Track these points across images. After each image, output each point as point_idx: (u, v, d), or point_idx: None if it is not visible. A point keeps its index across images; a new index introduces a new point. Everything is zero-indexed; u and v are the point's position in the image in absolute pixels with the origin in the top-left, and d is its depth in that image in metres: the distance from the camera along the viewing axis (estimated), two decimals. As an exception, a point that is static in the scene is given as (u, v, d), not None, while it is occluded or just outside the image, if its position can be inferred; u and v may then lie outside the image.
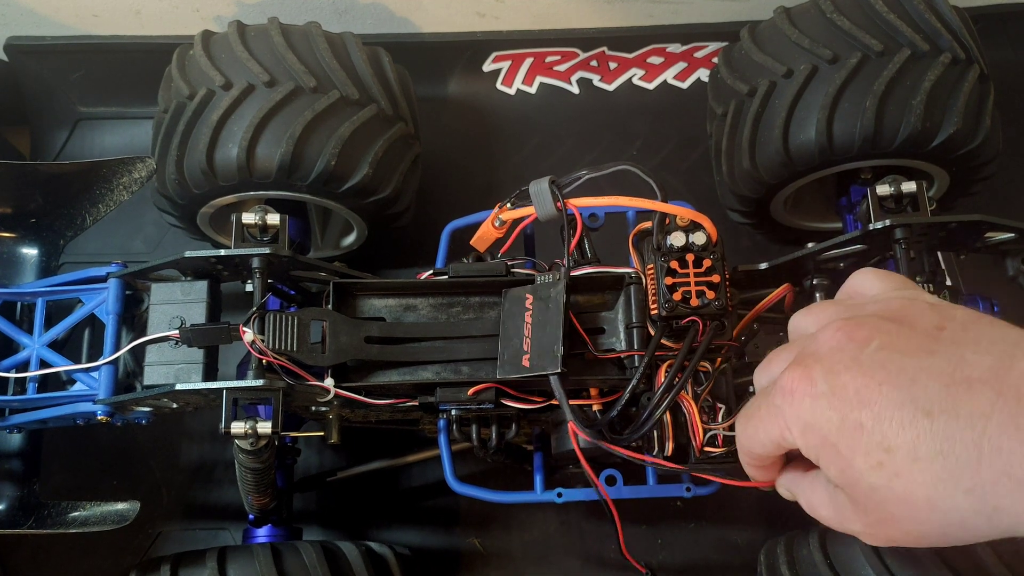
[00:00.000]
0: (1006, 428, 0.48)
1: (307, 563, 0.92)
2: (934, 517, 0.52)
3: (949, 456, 0.50)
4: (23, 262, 1.11)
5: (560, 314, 0.81)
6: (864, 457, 0.53)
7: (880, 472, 0.52)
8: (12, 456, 1.07)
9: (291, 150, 1.01)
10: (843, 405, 0.54)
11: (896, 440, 0.51)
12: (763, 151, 1.04)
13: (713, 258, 0.82)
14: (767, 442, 0.61)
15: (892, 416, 0.52)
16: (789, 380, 0.57)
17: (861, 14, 1.02)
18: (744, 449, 0.66)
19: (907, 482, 0.51)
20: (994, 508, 0.49)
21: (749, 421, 0.63)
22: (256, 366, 0.85)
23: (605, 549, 1.19)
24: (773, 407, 0.58)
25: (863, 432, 0.53)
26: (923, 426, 0.51)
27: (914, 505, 0.52)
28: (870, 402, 0.53)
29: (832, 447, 0.54)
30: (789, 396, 0.56)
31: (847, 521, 0.59)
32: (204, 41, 1.09)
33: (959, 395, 0.50)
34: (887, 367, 0.53)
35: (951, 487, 0.50)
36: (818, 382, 0.55)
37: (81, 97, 1.41)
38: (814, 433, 0.55)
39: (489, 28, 1.40)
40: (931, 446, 0.50)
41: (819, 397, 0.55)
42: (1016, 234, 0.92)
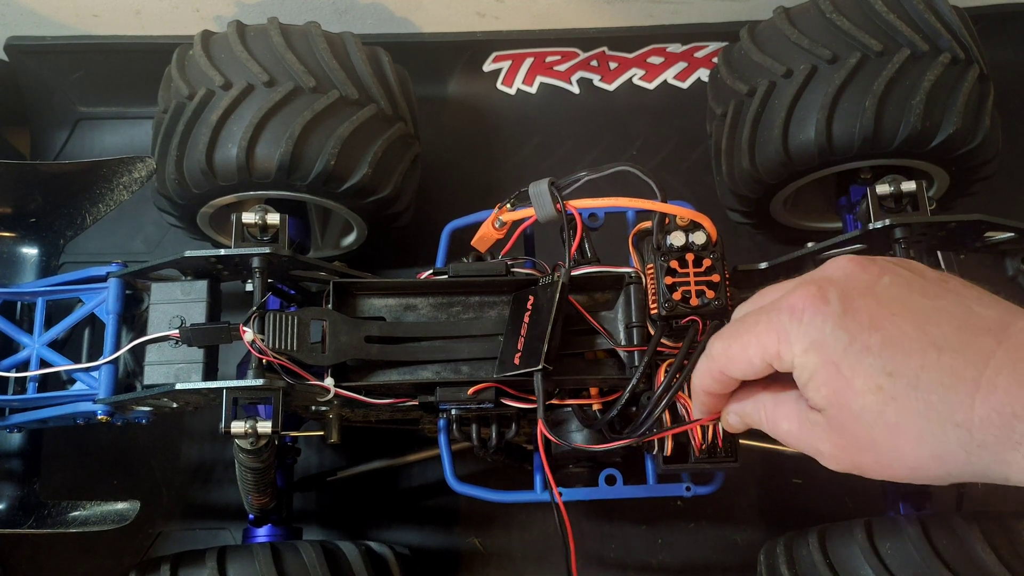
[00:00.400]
0: (1003, 369, 0.51)
1: (307, 563, 0.92)
2: (917, 449, 0.53)
3: (950, 389, 0.51)
4: (23, 262, 1.11)
5: (551, 313, 0.81)
6: (864, 379, 0.54)
7: (877, 395, 0.53)
8: (12, 456, 1.07)
9: (290, 150, 1.02)
10: (855, 327, 0.54)
11: (901, 366, 0.53)
12: (763, 151, 1.05)
13: (713, 258, 0.82)
14: (755, 360, 0.60)
15: (901, 344, 0.53)
16: (800, 298, 0.57)
17: (860, 14, 1.02)
18: (715, 371, 0.64)
19: (901, 409, 0.53)
20: (979, 444, 0.51)
21: (736, 339, 0.62)
22: (256, 365, 0.85)
23: (605, 549, 1.19)
24: (775, 323, 0.58)
25: (869, 355, 0.54)
26: (931, 357, 0.52)
27: (901, 434, 0.53)
28: (882, 327, 0.54)
29: (833, 366, 0.55)
30: (799, 313, 0.56)
31: (813, 439, 0.59)
32: (204, 41, 1.09)
33: (968, 338, 0.52)
34: (902, 301, 0.55)
35: (944, 419, 0.52)
36: (832, 302, 0.56)
37: (81, 97, 1.41)
38: (818, 351, 0.55)
39: (489, 28, 1.40)
40: (935, 378, 0.52)
41: (830, 316, 0.55)
42: (1016, 234, 0.92)
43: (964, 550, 0.83)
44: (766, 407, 0.64)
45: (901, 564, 0.84)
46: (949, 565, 0.82)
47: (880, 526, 0.89)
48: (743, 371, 0.62)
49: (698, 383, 0.68)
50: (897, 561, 0.84)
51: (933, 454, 0.53)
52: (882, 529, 0.88)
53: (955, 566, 0.82)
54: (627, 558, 1.19)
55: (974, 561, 0.82)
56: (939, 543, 0.83)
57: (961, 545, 0.83)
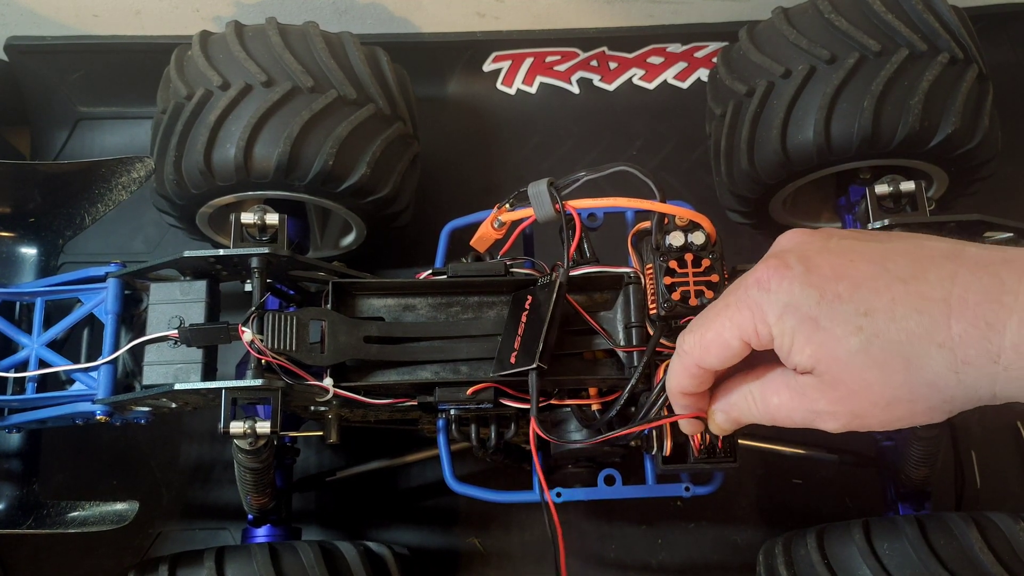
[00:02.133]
0: (970, 286, 0.53)
1: (305, 563, 0.92)
2: (908, 377, 0.55)
3: (924, 313, 0.54)
4: (22, 262, 1.11)
5: (547, 312, 0.81)
6: (844, 325, 0.55)
7: (859, 336, 0.55)
8: (11, 456, 1.07)
9: (289, 150, 1.02)
10: (820, 281, 0.57)
11: (874, 303, 0.55)
12: (762, 151, 1.05)
13: (712, 258, 0.82)
14: (733, 342, 0.60)
15: (868, 284, 0.56)
16: (763, 271, 0.59)
17: (859, 14, 1.02)
18: (690, 367, 0.64)
19: (885, 342, 0.55)
20: (963, 361, 0.53)
21: (708, 327, 0.62)
22: (255, 366, 0.85)
23: (605, 549, 1.19)
24: (744, 300, 0.59)
25: (841, 302, 0.56)
26: (898, 290, 0.55)
27: (890, 367, 0.55)
28: (846, 275, 0.56)
29: (812, 321, 0.56)
30: (765, 284, 0.58)
31: (807, 402, 0.59)
32: (202, 41, 1.09)
33: (926, 266, 0.55)
34: (856, 249, 0.58)
35: (926, 343, 0.54)
36: (794, 265, 0.58)
37: (81, 97, 1.41)
38: (793, 312, 0.57)
39: (489, 28, 1.40)
40: (907, 305, 0.54)
41: (796, 278, 0.57)
42: (1015, 234, 0.92)
43: (962, 550, 0.83)
44: (752, 392, 0.64)
45: (899, 564, 0.84)
46: (947, 565, 0.82)
47: (878, 526, 0.89)
48: (720, 357, 0.62)
49: (674, 384, 0.67)
50: (895, 561, 0.84)
51: (924, 381, 0.55)
52: (880, 529, 0.88)
53: (953, 566, 0.82)
54: (627, 558, 1.19)
55: (972, 561, 0.82)
56: (937, 543, 0.83)
57: (959, 545, 0.83)
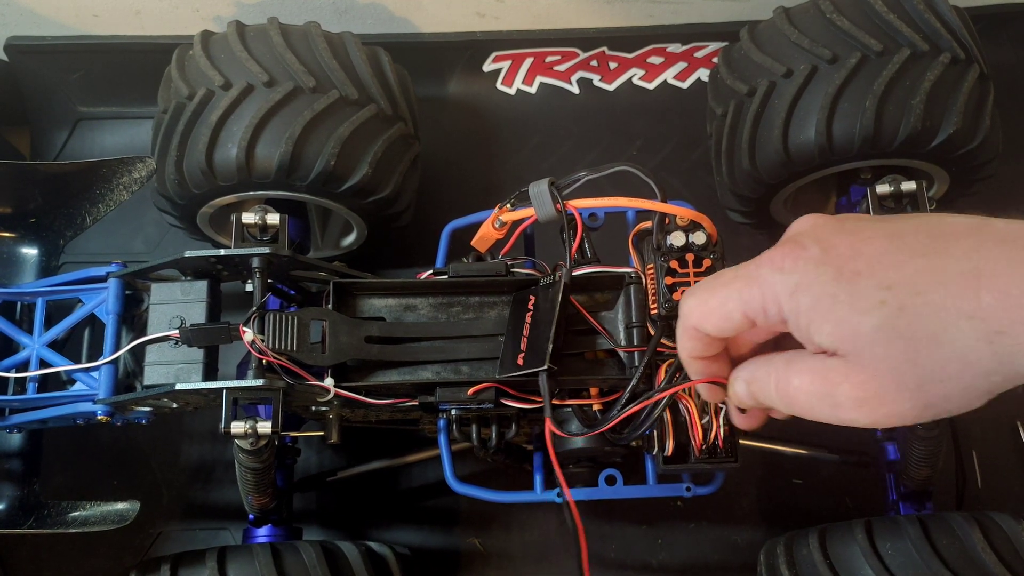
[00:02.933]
0: (998, 258, 0.50)
1: (307, 563, 0.92)
2: (938, 354, 0.51)
3: (950, 285, 0.50)
4: (23, 262, 1.11)
5: (554, 313, 0.81)
6: (865, 299, 0.52)
7: (883, 309, 0.52)
8: (12, 456, 1.07)
9: (290, 150, 1.01)
10: (837, 259, 0.54)
11: (896, 277, 0.52)
12: (763, 151, 1.05)
13: (713, 258, 0.82)
14: (734, 314, 0.58)
15: (888, 260, 0.52)
16: (777, 252, 0.56)
17: (860, 14, 1.02)
18: (689, 329, 0.62)
19: (911, 315, 0.51)
20: (996, 331, 0.50)
21: (712, 293, 0.59)
22: (256, 366, 0.85)
23: (605, 549, 1.19)
24: (755, 277, 0.56)
25: (860, 277, 0.53)
26: (920, 263, 0.52)
27: (917, 342, 0.51)
28: (863, 253, 0.53)
29: (830, 298, 0.53)
30: (779, 263, 0.55)
31: (829, 385, 0.56)
32: (203, 41, 1.09)
33: (947, 241, 0.52)
34: (872, 227, 0.54)
35: (953, 314, 0.50)
36: (809, 247, 0.55)
37: (81, 97, 1.41)
38: (807, 291, 0.54)
39: (489, 28, 1.40)
40: (930, 278, 0.51)
41: (811, 259, 0.54)
42: (1016, 234, 0.92)
43: (964, 550, 0.83)
44: (777, 369, 0.60)
45: (901, 564, 0.84)
46: (949, 565, 0.82)
47: (880, 526, 0.89)
48: (719, 326, 0.60)
49: (682, 350, 0.64)
50: (897, 561, 0.84)
51: (956, 355, 0.51)
52: (882, 529, 0.88)
53: (955, 566, 0.82)
54: (627, 558, 1.19)
55: (974, 561, 0.82)
56: (939, 543, 0.83)
57: (961, 545, 0.83)
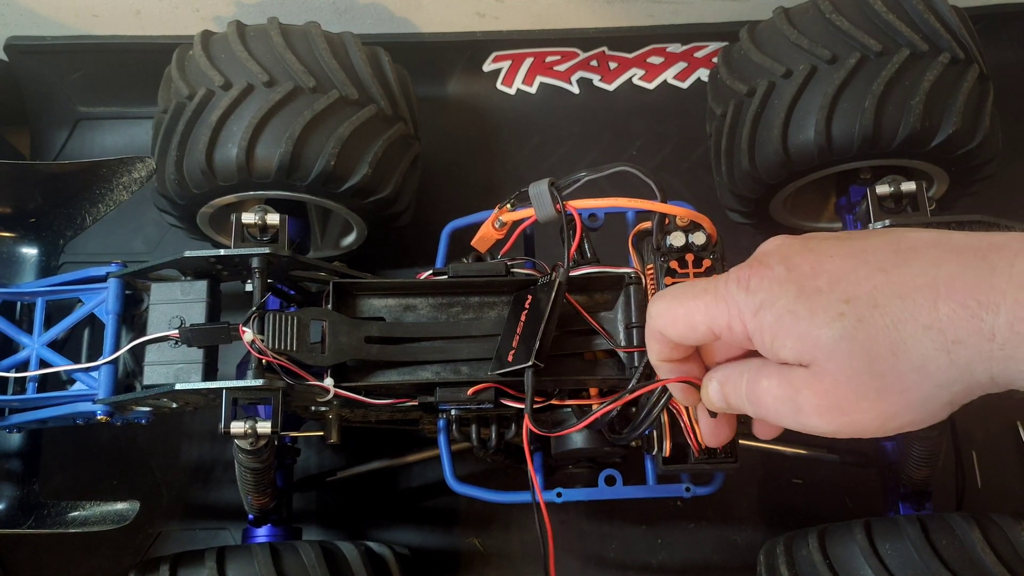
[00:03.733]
0: (955, 272, 0.51)
1: (306, 563, 0.92)
2: (896, 364, 0.53)
3: (907, 299, 0.52)
4: (23, 262, 1.11)
5: (546, 311, 0.81)
6: (824, 312, 0.54)
7: (842, 321, 0.53)
8: (12, 456, 1.07)
9: (290, 150, 1.02)
10: (799, 277, 0.55)
11: (855, 292, 0.54)
12: (762, 151, 1.05)
13: (713, 258, 0.82)
14: (699, 327, 0.60)
15: (849, 276, 0.54)
16: (744, 271, 0.57)
17: (860, 14, 1.02)
18: (655, 332, 0.63)
19: (869, 327, 0.53)
20: (953, 340, 0.51)
21: (679, 302, 0.61)
22: (256, 366, 0.85)
23: (605, 549, 1.19)
24: (722, 293, 0.58)
25: (821, 294, 0.54)
26: (879, 279, 0.53)
27: (876, 352, 0.53)
28: (825, 270, 0.55)
29: (790, 314, 0.55)
30: (744, 282, 0.57)
31: (795, 391, 0.57)
32: (203, 41, 1.09)
33: (907, 256, 0.54)
34: (836, 246, 0.56)
35: (911, 326, 0.52)
36: (774, 267, 0.57)
37: (81, 97, 1.41)
38: (770, 308, 0.56)
39: (489, 28, 1.40)
40: (889, 292, 0.53)
41: (775, 278, 0.56)
42: (1016, 234, 0.92)
43: (964, 550, 0.83)
44: (749, 370, 0.62)
45: (901, 564, 0.84)
46: (949, 565, 0.82)
47: (880, 526, 0.89)
48: (681, 335, 0.61)
49: (651, 353, 0.66)
50: (897, 561, 0.84)
51: (913, 366, 0.52)
52: (882, 529, 0.88)
53: (955, 566, 0.82)
54: (627, 558, 1.19)
55: (974, 561, 0.82)
56: (939, 543, 0.83)
57: (961, 545, 0.83)
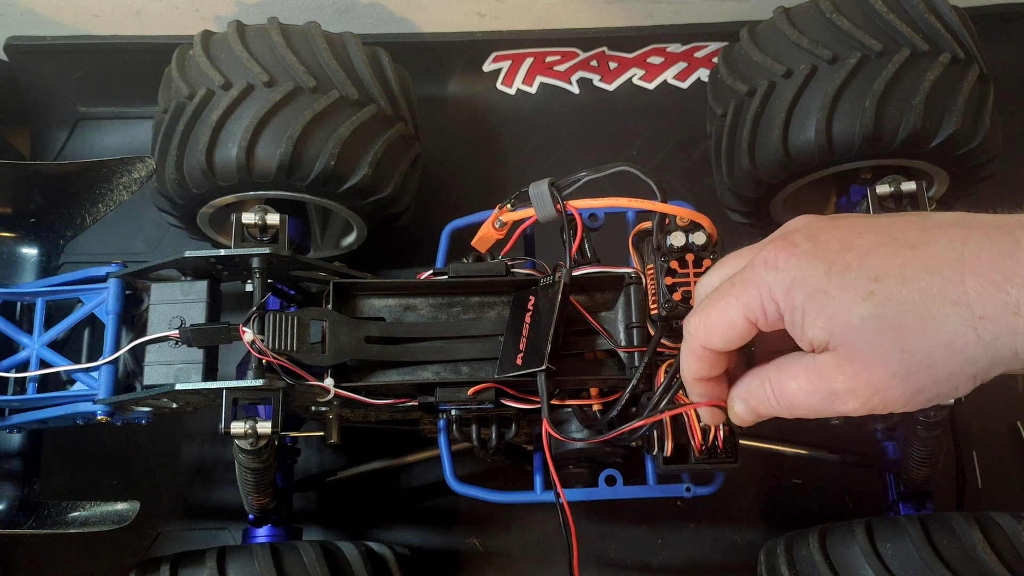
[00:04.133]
0: (982, 245, 0.53)
1: (306, 563, 0.92)
2: (925, 341, 0.54)
3: (935, 274, 0.53)
4: (23, 262, 1.11)
5: (554, 313, 0.81)
6: (854, 291, 0.55)
7: (871, 300, 0.54)
8: (12, 456, 1.07)
9: (291, 150, 1.01)
10: (828, 253, 0.56)
11: (884, 268, 0.55)
12: (763, 151, 1.05)
13: (713, 258, 0.82)
14: (737, 321, 0.60)
15: (877, 251, 0.55)
16: (770, 250, 0.58)
17: (860, 14, 1.02)
18: (696, 349, 0.64)
19: (897, 304, 0.54)
20: (981, 316, 0.52)
21: (713, 307, 0.61)
22: (256, 366, 0.85)
23: (605, 549, 1.19)
24: (751, 279, 0.59)
25: (850, 270, 0.55)
26: (907, 255, 0.54)
27: (905, 329, 0.54)
28: (854, 246, 0.56)
29: (821, 292, 0.56)
30: (772, 262, 0.58)
31: (825, 382, 0.58)
32: (204, 41, 1.09)
33: (934, 232, 0.55)
34: (862, 222, 0.57)
35: (939, 301, 0.53)
36: (800, 243, 0.57)
37: (81, 97, 1.41)
38: (801, 286, 0.56)
39: (489, 28, 1.40)
40: (918, 267, 0.54)
41: (804, 254, 0.57)
42: (1016, 234, 0.92)
43: (964, 550, 0.83)
44: (771, 378, 0.62)
45: (902, 564, 0.84)
46: (949, 565, 0.82)
47: (881, 526, 0.89)
48: (726, 337, 0.62)
49: (687, 371, 0.66)
50: (898, 561, 0.84)
51: (942, 341, 0.54)
52: (883, 529, 0.88)
53: (955, 566, 0.82)
54: (627, 558, 1.19)
55: (974, 561, 0.82)
56: (939, 543, 0.83)
57: (961, 545, 0.83)
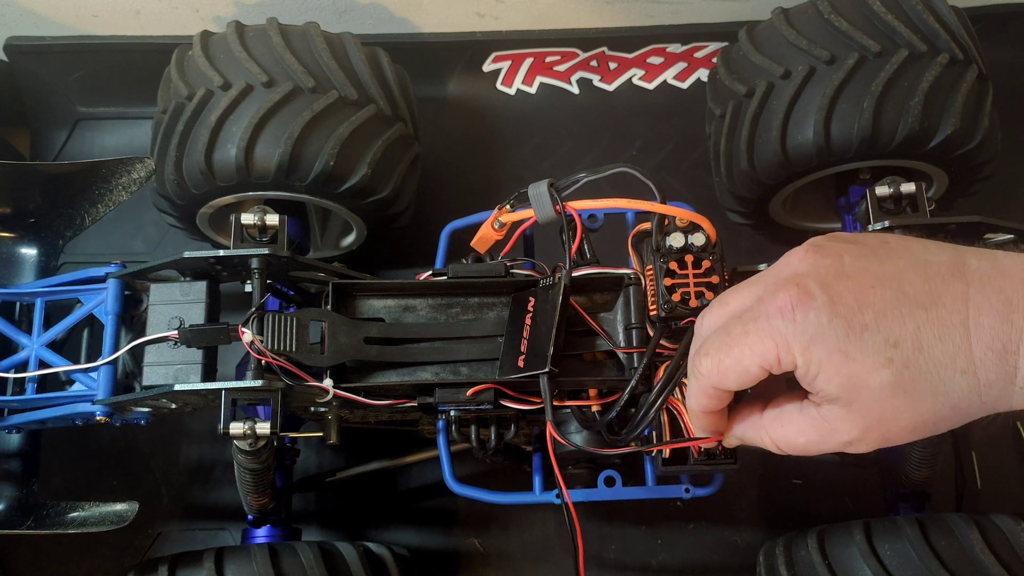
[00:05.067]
0: (982, 308, 0.54)
1: (305, 564, 0.92)
2: (935, 404, 0.56)
3: (947, 340, 0.55)
4: (22, 262, 1.11)
5: (555, 315, 0.81)
6: (874, 356, 0.55)
7: (891, 368, 0.55)
8: (11, 456, 1.07)
9: (290, 150, 1.01)
10: (846, 311, 0.56)
11: (901, 333, 0.55)
12: (761, 152, 1.04)
13: (712, 259, 0.82)
14: (752, 369, 0.60)
15: (892, 312, 0.56)
16: (785, 299, 0.57)
17: (859, 15, 1.02)
18: (708, 389, 0.63)
19: (914, 372, 0.55)
20: (985, 384, 0.55)
21: (726, 352, 0.61)
22: (255, 367, 0.85)
23: (604, 549, 1.19)
24: (767, 330, 0.58)
25: (868, 332, 0.56)
26: (921, 317, 0.55)
27: (918, 395, 0.56)
28: (869, 303, 0.56)
29: (840, 354, 0.56)
30: (789, 314, 0.57)
31: (836, 435, 0.60)
32: (203, 41, 1.09)
33: (939, 287, 0.56)
34: (871, 272, 0.57)
35: (951, 370, 0.55)
36: (817, 295, 0.57)
37: (81, 97, 1.41)
38: (820, 345, 0.56)
39: (489, 28, 1.40)
40: (931, 333, 0.55)
41: (822, 308, 0.56)
42: (1015, 235, 0.92)
43: (963, 551, 0.83)
44: (768, 430, 0.64)
45: (900, 565, 0.84)
46: (948, 566, 0.82)
47: (879, 527, 0.89)
48: (739, 382, 0.62)
49: (694, 405, 0.67)
50: (896, 562, 0.84)
51: (950, 404, 0.56)
52: (881, 530, 0.88)
53: (954, 567, 0.82)
54: (627, 559, 1.19)
55: (973, 562, 0.82)
56: (938, 544, 0.83)
57: (960, 546, 0.83)
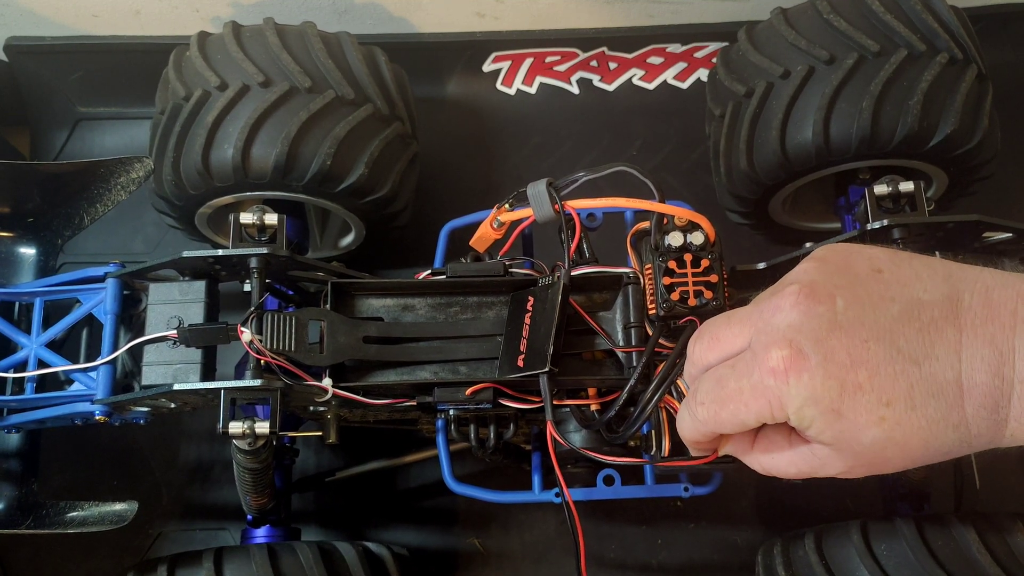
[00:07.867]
0: (975, 363, 0.54)
1: (304, 564, 0.92)
2: (925, 453, 0.57)
3: (940, 397, 0.55)
4: (21, 262, 1.11)
5: (554, 314, 0.81)
6: (867, 415, 0.55)
7: (882, 426, 0.55)
8: (10, 456, 1.07)
9: (286, 150, 1.01)
10: (839, 370, 0.56)
11: (893, 392, 0.55)
12: (760, 152, 1.04)
13: (711, 258, 0.82)
14: (749, 422, 0.61)
15: (886, 370, 0.55)
16: (778, 360, 0.57)
17: (858, 15, 1.02)
18: (706, 432, 0.65)
19: (906, 429, 0.55)
20: (975, 435, 0.55)
21: (723, 406, 0.61)
22: (254, 366, 0.85)
23: (604, 549, 1.19)
24: (761, 390, 0.58)
25: (862, 392, 0.55)
26: (914, 375, 0.55)
27: (909, 448, 0.56)
28: (863, 360, 0.56)
29: (833, 413, 0.56)
30: (783, 376, 0.57)
31: (826, 468, 0.61)
32: (200, 42, 1.09)
33: (932, 337, 0.55)
34: (864, 322, 0.56)
35: (943, 426, 0.55)
36: (810, 355, 0.56)
37: (81, 97, 1.41)
38: (814, 405, 0.56)
39: (489, 28, 1.40)
40: (924, 391, 0.55)
41: (815, 369, 0.56)
42: (1014, 234, 0.92)
43: (960, 551, 0.83)
44: (759, 459, 0.65)
45: (897, 565, 0.84)
46: (945, 566, 0.82)
47: (876, 527, 0.88)
48: (735, 430, 0.63)
49: (688, 437, 0.68)
50: (893, 562, 0.84)
51: (940, 452, 0.56)
52: (878, 530, 0.88)
53: (951, 567, 0.82)
54: (627, 558, 1.19)
55: (970, 562, 0.81)
56: (935, 544, 0.83)
57: (957, 546, 0.83)
